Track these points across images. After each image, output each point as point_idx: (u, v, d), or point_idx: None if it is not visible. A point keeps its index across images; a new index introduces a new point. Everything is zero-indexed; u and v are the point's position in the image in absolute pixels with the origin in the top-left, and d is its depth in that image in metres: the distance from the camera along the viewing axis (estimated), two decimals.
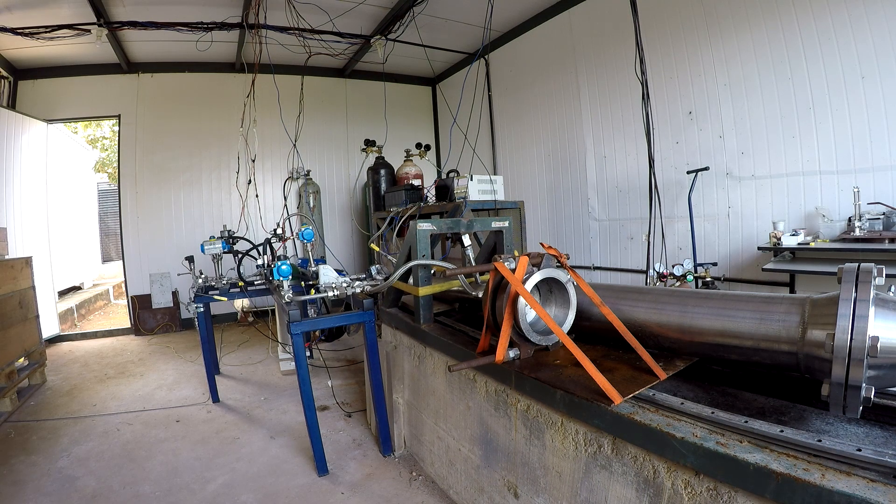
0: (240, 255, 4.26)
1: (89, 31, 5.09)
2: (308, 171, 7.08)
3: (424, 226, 2.55)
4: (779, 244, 3.38)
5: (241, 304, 6.51)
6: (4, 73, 5.85)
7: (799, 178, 3.68)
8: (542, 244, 2.00)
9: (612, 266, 5.34)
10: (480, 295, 2.31)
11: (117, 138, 6.91)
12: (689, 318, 1.63)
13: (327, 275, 3.15)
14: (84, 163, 9.84)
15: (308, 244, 4.64)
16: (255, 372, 4.69)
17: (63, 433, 3.41)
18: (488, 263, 1.96)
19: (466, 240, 2.81)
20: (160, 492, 2.63)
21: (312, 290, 3.09)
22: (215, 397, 3.92)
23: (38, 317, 4.54)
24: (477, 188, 4.24)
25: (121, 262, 6.95)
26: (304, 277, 3.60)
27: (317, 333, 4.01)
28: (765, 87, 3.81)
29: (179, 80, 6.82)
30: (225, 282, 4.15)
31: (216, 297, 3.93)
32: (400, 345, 2.90)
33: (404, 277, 2.71)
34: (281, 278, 3.01)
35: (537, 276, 1.84)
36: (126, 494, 2.62)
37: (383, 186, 5.68)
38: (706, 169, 4.12)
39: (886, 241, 2.92)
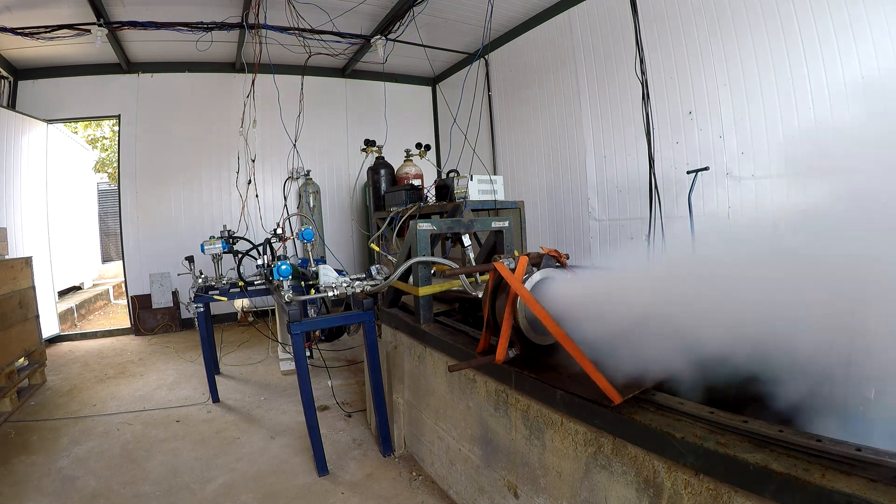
0: (240, 255, 4.26)
1: (89, 31, 5.08)
2: (308, 171, 7.08)
3: (424, 226, 2.56)
4: None
5: (241, 304, 6.50)
6: (4, 73, 5.85)
7: (799, 178, 3.67)
8: (542, 248, 2.00)
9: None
10: (480, 295, 2.31)
11: (117, 138, 6.90)
12: None
13: (327, 275, 3.15)
14: (84, 163, 9.84)
15: (308, 244, 4.64)
16: (255, 372, 4.69)
17: (63, 433, 3.41)
18: (488, 263, 1.96)
19: (466, 240, 2.81)
20: (160, 492, 2.63)
21: (312, 290, 3.10)
22: (215, 397, 3.92)
23: (38, 317, 4.54)
24: (477, 188, 4.24)
25: (121, 262, 6.95)
26: (304, 277, 3.60)
27: (317, 333, 4.01)
28: (765, 87, 3.81)
29: (179, 80, 6.82)
30: (225, 282, 4.14)
31: (216, 297, 3.93)
32: (400, 345, 2.90)
33: (404, 277, 2.71)
34: (281, 278, 3.00)
35: (537, 276, 1.84)
36: (126, 494, 2.62)
37: (383, 186, 5.68)
38: (706, 169, 4.12)
39: None
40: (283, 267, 3.01)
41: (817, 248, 0.99)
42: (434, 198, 4.62)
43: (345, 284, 2.99)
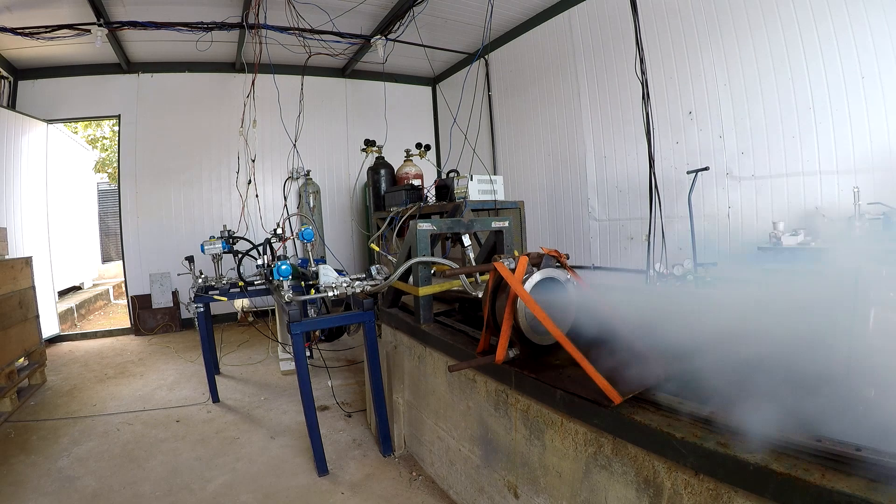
0: (240, 255, 4.26)
1: (89, 31, 5.08)
2: (308, 171, 7.08)
3: (424, 226, 2.55)
4: (779, 245, 3.38)
5: (241, 304, 6.50)
6: (4, 73, 5.84)
7: (799, 178, 3.68)
8: (542, 248, 2.00)
9: (612, 266, 5.33)
10: (480, 295, 2.31)
11: (117, 138, 6.90)
12: None
13: (327, 275, 3.15)
14: (84, 163, 9.84)
15: (308, 244, 4.65)
16: (255, 372, 4.69)
17: (63, 433, 3.41)
18: (488, 263, 1.96)
19: (466, 240, 2.81)
20: (160, 492, 2.63)
21: (312, 290, 3.09)
22: (215, 397, 3.92)
23: (38, 317, 4.54)
24: (477, 188, 4.24)
25: (121, 262, 6.94)
26: (304, 277, 3.60)
27: (317, 333, 4.01)
28: (765, 87, 3.81)
29: (179, 80, 6.82)
30: (225, 282, 4.14)
31: (216, 297, 3.93)
32: (400, 345, 2.90)
33: (404, 277, 2.71)
34: (281, 278, 3.01)
35: (537, 277, 1.84)
36: (126, 494, 2.62)
37: (383, 186, 5.67)
38: (706, 169, 4.12)
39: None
40: (283, 267, 3.01)
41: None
42: (434, 198, 4.62)
43: (345, 284, 2.99)
